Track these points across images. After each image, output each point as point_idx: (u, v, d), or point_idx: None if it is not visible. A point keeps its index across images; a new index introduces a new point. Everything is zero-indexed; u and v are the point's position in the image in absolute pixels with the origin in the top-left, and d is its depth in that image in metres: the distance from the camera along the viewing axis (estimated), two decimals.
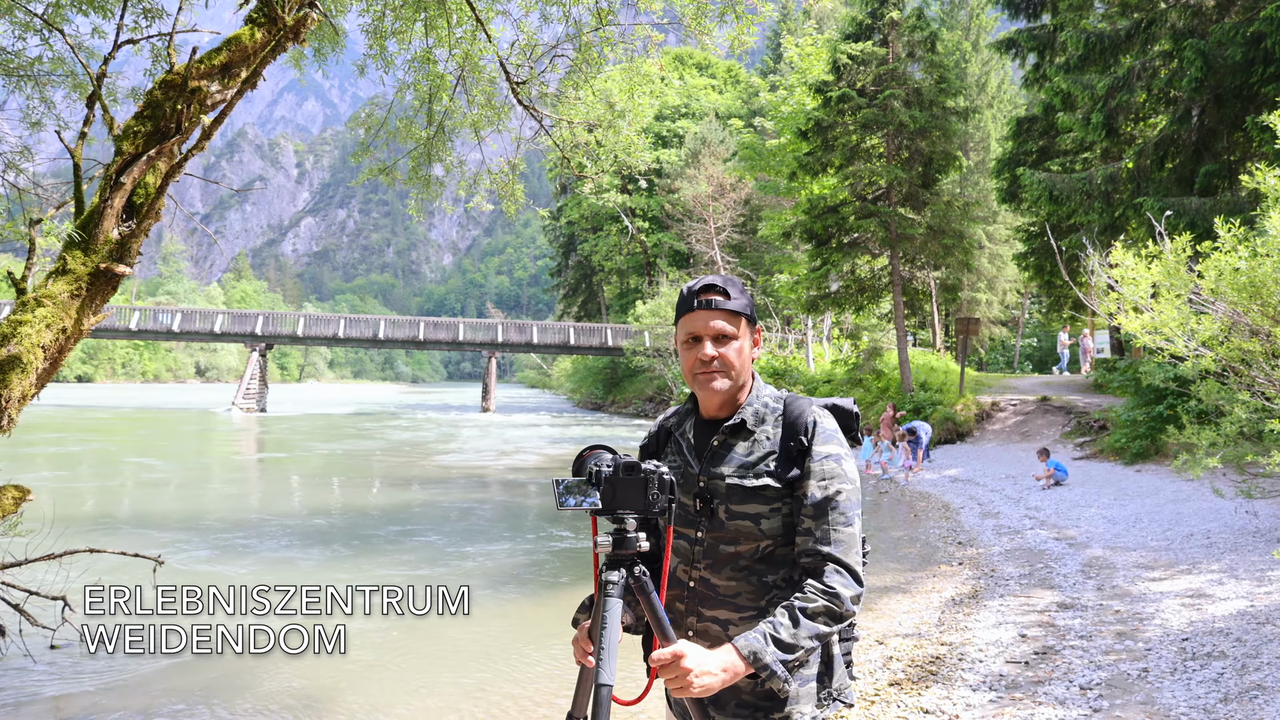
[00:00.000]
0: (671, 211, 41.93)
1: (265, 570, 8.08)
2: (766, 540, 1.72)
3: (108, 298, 4.48)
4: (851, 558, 1.61)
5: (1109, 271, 7.11)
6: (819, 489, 1.66)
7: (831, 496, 1.65)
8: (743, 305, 1.81)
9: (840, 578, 1.59)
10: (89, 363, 79.65)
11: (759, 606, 1.71)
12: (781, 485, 1.70)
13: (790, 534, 1.70)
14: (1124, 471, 12.27)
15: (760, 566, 1.72)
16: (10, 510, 4.43)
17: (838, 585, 1.58)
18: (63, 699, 4.80)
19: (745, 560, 1.72)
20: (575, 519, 10.26)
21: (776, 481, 1.70)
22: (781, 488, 1.70)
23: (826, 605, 1.56)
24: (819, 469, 1.67)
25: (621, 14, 8.17)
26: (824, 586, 1.58)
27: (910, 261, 21.80)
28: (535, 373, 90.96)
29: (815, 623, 1.56)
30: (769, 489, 1.70)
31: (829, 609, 1.56)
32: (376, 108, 8.82)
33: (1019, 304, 36.97)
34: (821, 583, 1.59)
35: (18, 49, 5.55)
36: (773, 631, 1.57)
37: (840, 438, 1.73)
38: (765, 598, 1.71)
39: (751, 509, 1.72)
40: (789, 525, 1.70)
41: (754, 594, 1.72)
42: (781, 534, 1.71)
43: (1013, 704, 4.17)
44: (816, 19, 35.94)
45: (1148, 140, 15.12)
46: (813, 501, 1.65)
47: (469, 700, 4.87)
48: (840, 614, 1.58)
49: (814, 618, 1.56)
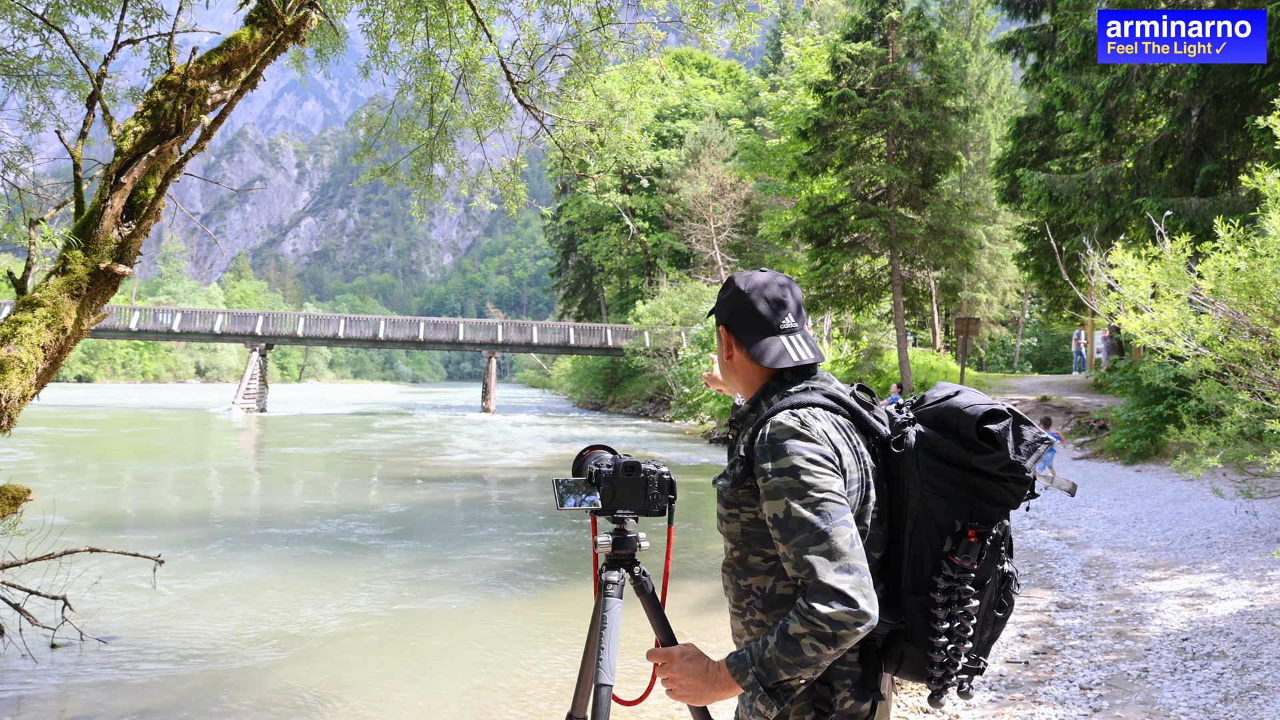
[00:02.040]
0: (671, 211, 41.96)
1: (265, 569, 8.09)
2: (730, 544, 1.67)
3: (108, 298, 4.48)
4: (831, 577, 1.45)
5: (1109, 271, 7.11)
6: (776, 509, 1.53)
7: (792, 515, 1.50)
8: (719, 309, 1.76)
9: (819, 597, 1.45)
10: (89, 363, 79.67)
11: (740, 607, 1.67)
12: (735, 491, 1.62)
13: (753, 542, 1.62)
14: (1124, 471, 12.27)
15: (736, 568, 1.67)
16: (10, 510, 4.43)
17: (817, 605, 1.45)
18: (64, 698, 4.81)
19: (728, 559, 1.70)
20: (575, 519, 10.26)
21: (729, 485, 1.63)
22: (736, 494, 1.62)
23: (811, 627, 1.45)
24: (765, 487, 1.54)
25: (622, 13, 8.18)
26: (805, 607, 1.46)
27: (910, 261, 21.81)
28: (535, 373, 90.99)
29: (800, 644, 1.46)
30: (725, 493, 1.65)
31: (815, 631, 1.45)
32: (377, 108, 8.84)
33: (1019, 304, 36.99)
34: (804, 603, 1.47)
35: (18, 49, 5.55)
36: (759, 650, 1.51)
37: (794, 445, 1.53)
38: (743, 601, 1.66)
39: (719, 509, 1.69)
40: (750, 534, 1.62)
41: (735, 595, 1.68)
42: (742, 541, 1.64)
43: (1013, 704, 4.17)
44: (817, 19, 35.94)
45: (1147, 140, 15.12)
46: (775, 524, 1.53)
47: (469, 700, 4.87)
48: (829, 635, 1.45)
49: (798, 639, 1.46)
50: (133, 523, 10.71)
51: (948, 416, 1.60)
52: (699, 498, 12.74)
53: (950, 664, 1.58)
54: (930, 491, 1.57)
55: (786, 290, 1.72)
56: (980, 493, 1.56)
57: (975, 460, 1.55)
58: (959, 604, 1.55)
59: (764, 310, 1.69)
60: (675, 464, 17.52)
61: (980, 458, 1.55)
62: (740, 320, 1.71)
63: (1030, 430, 1.56)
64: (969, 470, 1.56)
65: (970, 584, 1.55)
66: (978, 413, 1.55)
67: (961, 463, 1.56)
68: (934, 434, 1.59)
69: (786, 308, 1.70)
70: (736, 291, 1.73)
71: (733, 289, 1.74)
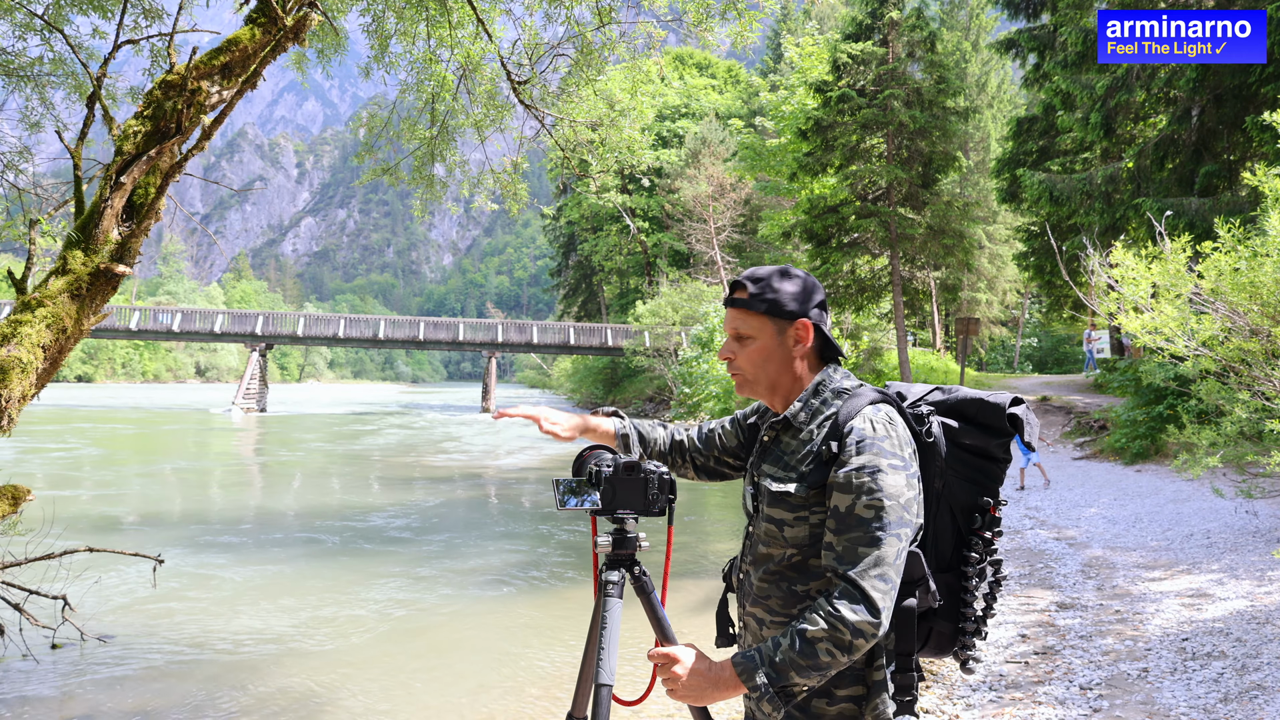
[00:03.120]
0: (671, 211, 41.94)
1: (265, 569, 8.09)
2: (792, 549, 1.61)
3: (108, 298, 4.48)
4: (869, 580, 1.44)
5: (1109, 271, 7.11)
6: (842, 502, 1.52)
7: (855, 511, 1.50)
8: (760, 300, 1.67)
9: (848, 602, 1.44)
10: (89, 363, 79.69)
11: (788, 614, 1.62)
12: (808, 492, 1.58)
13: (819, 546, 1.58)
14: (1124, 471, 12.27)
15: (790, 574, 1.62)
16: (10, 510, 4.43)
17: (844, 609, 1.44)
18: (64, 698, 4.81)
19: (775, 564, 1.64)
20: (575, 519, 10.26)
21: (804, 487, 1.59)
22: (808, 495, 1.58)
23: (829, 631, 1.43)
24: (845, 480, 1.52)
25: (623, 13, 8.18)
26: (830, 609, 1.45)
27: (910, 261, 21.82)
28: (535, 373, 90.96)
29: (816, 648, 1.44)
30: (793, 495, 1.60)
31: (833, 635, 1.43)
32: (378, 108, 8.84)
33: (1019, 304, 37.00)
34: (829, 604, 1.45)
35: (18, 49, 5.56)
36: (771, 651, 1.49)
37: (884, 446, 1.53)
38: (796, 606, 1.61)
39: (777, 514, 1.63)
40: (818, 536, 1.58)
41: (783, 601, 1.63)
42: (809, 544, 1.59)
43: (1013, 704, 4.17)
44: (817, 18, 35.94)
45: (1147, 140, 15.13)
46: (835, 515, 1.52)
47: (469, 700, 4.87)
48: (846, 643, 1.43)
49: (814, 643, 1.44)
50: (132, 522, 10.71)
51: (967, 408, 1.70)
52: (699, 498, 12.74)
53: (977, 633, 1.68)
54: (953, 476, 1.67)
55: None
56: (989, 475, 1.69)
57: (993, 445, 1.68)
58: (991, 576, 1.68)
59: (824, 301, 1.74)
60: None
61: (998, 442, 1.68)
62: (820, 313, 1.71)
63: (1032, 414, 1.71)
64: (984, 456, 1.68)
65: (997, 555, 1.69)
66: (1002, 401, 1.67)
67: (982, 450, 1.68)
68: (956, 424, 1.69)
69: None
70: (810, 284, 1.71)
71: (801, 280, 1.70)
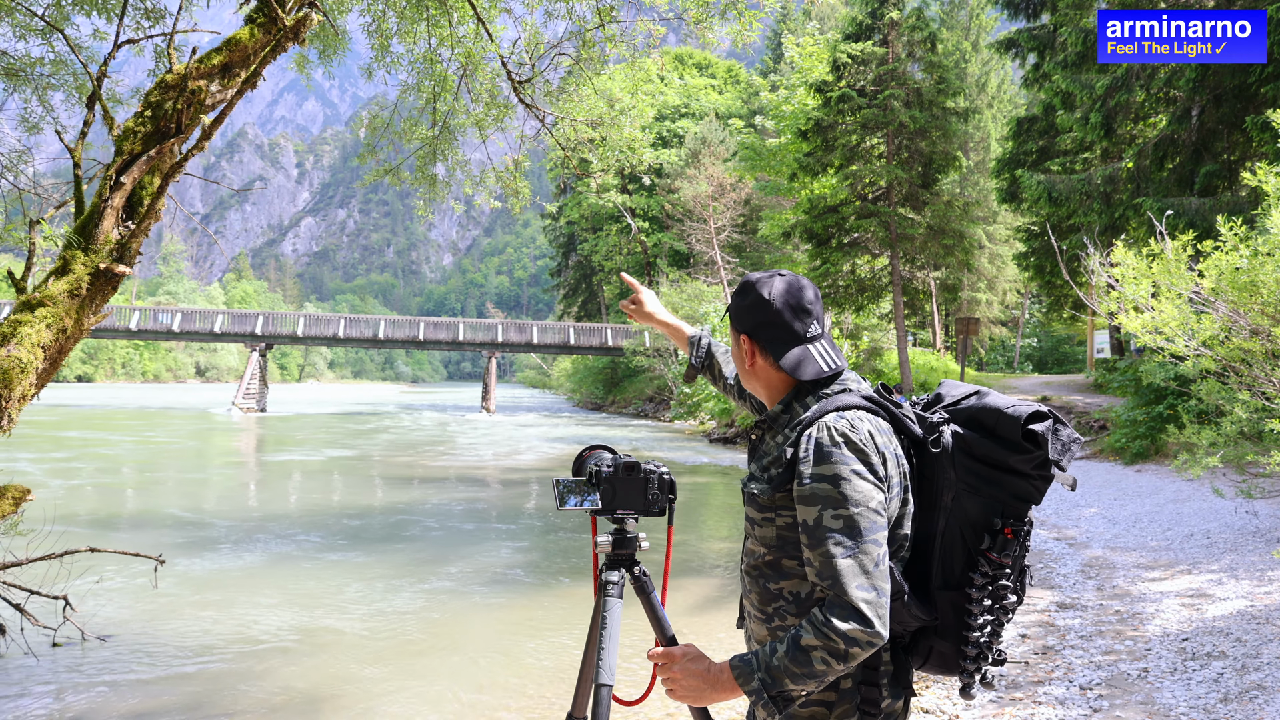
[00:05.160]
0: (671, 211, 41.95)
1: (266, 569, 8.09)
2: (763, 548, 1.63)
3: (108, 298, 4.48)
4: (851, 591, 1.43)
5: (1109, 271, 7.11)
6: (809, 515, 1.49)
7: (824, 524, 1.47)
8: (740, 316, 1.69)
9: (839, 611, 1.43)
10: (89, 363, 79.71)
11: (765, 611, 1.64)
12: (773, 495, 1.58)
13: (789, 546, 1.59)
14: (1124, 471, 12.27)
15: (767, 571, 1.63)
16: (10, 510, 4.44)
17: (834, 620, 1.43)
18: (65, 698, 4.81)
19: (754, 560, 1.66)
20: (575, 519, 10.26)
21: (770, 490, 1.59)
22: (773, 498, 1.58)
23: (823, 640, 1.43)
24: (808, 493, 1.50)
25: (623, 11, 8.18)
26: (821, 619, 1.44)
27: (910, 261, 21.83)
28: (535, 373, 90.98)
29: (810, 656, 1.44)
30: (759, 497, 1.61)
31: (826, 645, 1.43)
32: (379, 108, 8.84)
33: (1019, 304, 37.01)
34: (821, 614, 1.45)
35: (19, 50, 5.56)
36: (767, 656, 1.50)
37: (841, 453, 1.49)
38: (771, 605, 1.62)
39: (750, 513, 1.65)
40: (786, 539, 1.58)
41: (761, 598, 1.65)
42: (777, 545, 1.60)
43: (1013, 704, 4.17)
44: (817, 18, 35.94)
45: (1147, 140, 15.14)
46: (805, 529, 1.50)
47: (469, 699, 4.87)
48: (841, 651, 1.43)
49: (808, 651, 1.45)
50: (133, 522, 10.71)
51: (984, 417, 1.58)
52: (699, 498, 12.74)
53: (981, 656, 1.58)
54: (965, 490, 1.56)
55: (808, 294, 1.66)
56: (1012, 490, 1.55)
57: (1013, 460, 1.54)
58: (997, 599, 1.56)
59: (791, 320, 1.64)
60: (676, 464, 17.51)
61: (1019, 457, 1.53)
62: (766, 331, 1.65)
63: (1066, 431, 1.56)
64: (1004, 470, 1.55)
65: (1005, 579, 1.56)
66: (1020, 414, 1.53)
67: (999, 463, 1.55)
68: (970, 434, 1.58)
69: (812, 314, 1.65)
70: (760, 300, 1.66)
71: (754, 296, 1.67)
